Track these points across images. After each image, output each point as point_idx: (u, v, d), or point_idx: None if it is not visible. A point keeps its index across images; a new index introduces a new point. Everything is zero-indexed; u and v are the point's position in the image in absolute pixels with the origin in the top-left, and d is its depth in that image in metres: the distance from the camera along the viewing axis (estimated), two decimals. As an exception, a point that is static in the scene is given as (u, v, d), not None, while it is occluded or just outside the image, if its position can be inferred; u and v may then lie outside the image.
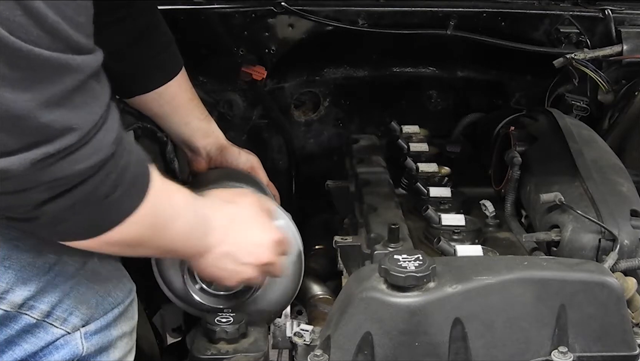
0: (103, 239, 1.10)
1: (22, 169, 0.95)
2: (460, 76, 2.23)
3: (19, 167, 0.94)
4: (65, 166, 0.97)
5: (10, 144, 0.94)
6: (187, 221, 1.24)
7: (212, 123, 1.74)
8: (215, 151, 1.72)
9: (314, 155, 2.26)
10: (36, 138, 0.95)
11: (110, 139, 1.02)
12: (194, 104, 1.70)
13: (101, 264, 1.24)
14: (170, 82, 1.64)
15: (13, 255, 1.13)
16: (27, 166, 0.95)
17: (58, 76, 0.94)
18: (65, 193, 1.00)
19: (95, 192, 1.02)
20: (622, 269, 1.38)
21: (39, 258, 1.15)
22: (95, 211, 1.05)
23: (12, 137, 0.94)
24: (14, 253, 1.13)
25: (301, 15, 1.92)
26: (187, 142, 1.72)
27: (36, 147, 0.95)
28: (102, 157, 1.01)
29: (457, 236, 1.59)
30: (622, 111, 1.91)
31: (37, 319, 1.15)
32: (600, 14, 1.97)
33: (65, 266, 1.18)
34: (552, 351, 1.19)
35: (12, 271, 1.12)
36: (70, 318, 1.18)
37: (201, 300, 1.57)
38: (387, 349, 1.17)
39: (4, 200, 0.99)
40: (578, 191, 1.54)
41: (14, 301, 1.13)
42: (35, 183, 0.97)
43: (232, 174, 1.66)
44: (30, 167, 0.95)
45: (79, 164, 0.99)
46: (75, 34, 0.94)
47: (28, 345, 1.16)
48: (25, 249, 1.14)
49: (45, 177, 0.97)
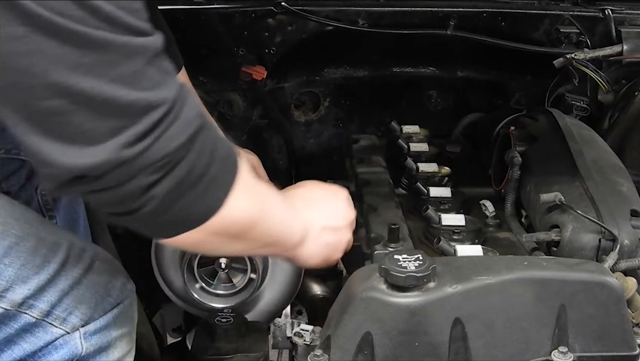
0: (207, 228, 1.05)
1: (117, 156, 0.93)
2: (460, 76, 2.23)
3: (112, 154, 0.92)
4: (161, 145, 0.95)
5: (98, 133, 0.92)
6: (277, 201, 1.22)
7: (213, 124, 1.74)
8: None
9: (314, 155, 2.26)
10: (122, 121, 0.93)
11: (195, 112, 1.00)
12: None
13: (101, 264, 1.24)
14: None
15: (13, 253, 1.13)
16: (120, 151, 0.93)
17: (126, 56, 0.93)
18: (167, 175, 0.97)
19: (194, 169, 0.99)
20: (622, 269, 1.38)
21: (38, 256, 1.15)
22: (197, 192, 1.01)
23: (98, 125, 0.92)
24: (14, 251, 1.13)
25: (301, 15, 1.92)
26: None
27: (125, 130, 0.93)
28: (194, 129, 0.98)
29: (457, 236, 1.59)
30: (622, 111, 1.91)
31: (37, 318, 1.15)
32: (600, 14, 1.96)
33: (65, 265, 1.18)
34: (552, 351, 1.19)
35: (12, 269, 1.12)
36: (70, 318, 1.18)
37: (201, 299, 1.57)
38: (387, 349, 1.16)
39: (111, 195, 0.96)
40: (578, 191, 1.54)
41: (14, 300, 1.13)
42: (138, 168, 0.95)
43: None
44: (123, 152, 0.93)
45: (174, 141, 0.96)
46: (132, 19, 0.94)
47: (27, 345, 1.16)
48: (25, 247, 1.14)
49: (145, 160, 0.95)
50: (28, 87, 0.90)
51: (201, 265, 1.57)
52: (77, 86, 0.90)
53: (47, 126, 0.92)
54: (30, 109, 0.91)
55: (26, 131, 0.93)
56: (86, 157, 0.93)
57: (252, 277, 1.57)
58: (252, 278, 1.57)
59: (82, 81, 0.90)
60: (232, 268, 1.57)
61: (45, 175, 0.95)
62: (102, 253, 1.26)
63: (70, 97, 0.90)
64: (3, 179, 1.54)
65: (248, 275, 1.57)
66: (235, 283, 1.58)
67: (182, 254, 1.62)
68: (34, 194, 1.60)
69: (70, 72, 0.90)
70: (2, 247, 1.12)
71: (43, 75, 0.89)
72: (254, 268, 1.56)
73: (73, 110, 0.91)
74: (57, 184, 0.95)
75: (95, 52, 0.90)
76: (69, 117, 0.91)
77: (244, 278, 1.57)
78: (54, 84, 0.89)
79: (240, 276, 1.58)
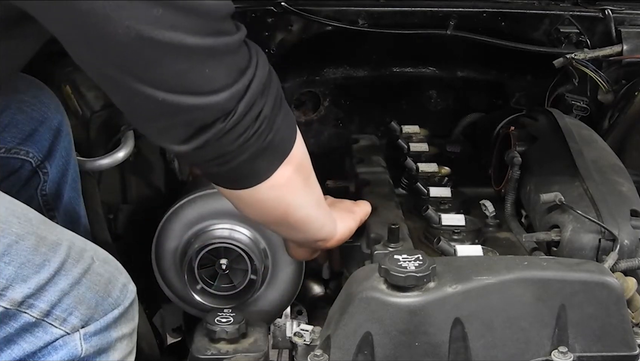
0: (293, 160, 1.26)
1: (238, 89, 1.12)
2: (460, 76, 2.23)
3: (229, 100, 1.11)
4: (259, 76, 1.15)
5: (221, 79, 1.10)
6: (316, 186, 1.40)
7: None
8: None
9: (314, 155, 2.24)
10: (240, 70, 1.12)
11: (266, 63, 1.19)
12: None
13: (102, 265, 1.24)
14: None
15: (12, 251, 1.12)
16: (240, 96, 1.12)
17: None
18: (268, 97, 1.17)
19: (278, 93, 1.21)
20: (622, 269, 1.38)
21: (38, 255, 1.15)
22: (283, 113, 1.23)
23: (222, 73, 1.10)
24: (14, 249, 1.13)
25: (301, 15, 1.92)
26: None
27: (243, 77, 1.12)
28: (263, 80, 1.16)
29: (457, 236, 1.59)
30: (622, 111, 1.91)
31: (37, 318, 1.15)
32: (600, 14, 1.96)
33: (66, 265, 1.18)
34: (552, 351, 1.19)
35: (12, 268, 1.12)
36: (70, 318, 1.18)
37: (202, 300, 1.57)
38: (387, 349, 1.17)
39: (236, 132, 1.14)
40: (578, 191, 1.54)
41: (14, 299, 1.13)
42: (252, 97, 1.14)
43: None
44: (240, 95, 1.12)
45: (263, 71, 1.16)
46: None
47: (27, 345, 1.16)
48: (25, 245, 1.14)
49: (254, 90, 1.14)
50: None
51: (201, 266, 1.57)
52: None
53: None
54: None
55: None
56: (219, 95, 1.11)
57: (253, 278, 1.57)
58: (252, 279, 1.57)
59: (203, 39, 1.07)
60: (232, 269, 1.57)
61: (186, 120, 1.12)
62: (102, 253, 1.26)
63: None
64: (3, 179, 1.54)
65: (248, 276, 1.57)
66: (235, 284, 1.58)
67: (182, 255, 1.62)
68: (34, 194, 1.60)
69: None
70: (2, 245, 1.12)
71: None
72: (255, 269, 1.57)
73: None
74: (195, 129, 1.12)
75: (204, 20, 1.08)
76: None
77: (245, 279, 1.57)
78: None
79: (240, 278, 1.58)
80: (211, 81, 1.10)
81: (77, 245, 1.21)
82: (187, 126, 1.13)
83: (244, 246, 1.56)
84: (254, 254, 1.57)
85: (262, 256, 1.59)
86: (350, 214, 1.53)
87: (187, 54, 1.06)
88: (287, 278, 1.64)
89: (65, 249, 1.18)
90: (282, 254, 1.62)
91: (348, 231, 1.50)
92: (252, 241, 1.59)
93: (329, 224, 1.46)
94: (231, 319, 1.40)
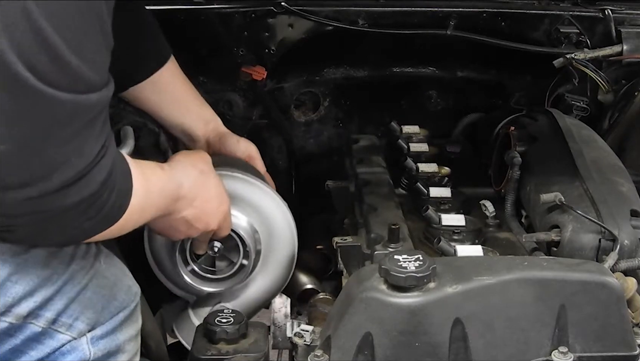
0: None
1: (15, 205, 0.99)
2: (460, 76, 2.23)
3: (11, 203, 0.99)
4: (55, 199, 1.02)
5: (10, 180, 0.97)
6: (162, 195, 1.30)
7: (210, 109, 1.74)
8: (215, 138, 1.71)
9: (314, 155, 2.26)
10: (37, 174, 0.99)
11: (101, 178, 1.05)
12: (190, 91, 1.69)
13: (107, 268, 1.23)
14: (162, 70, 1.63)
15: (21, 270, 1.11)
16: (20, 203, 0.99)
17: (71, 117, 0.98)
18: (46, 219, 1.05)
19: (78, 217, 1.07)
20: (622, 269, 1.38)
21: (47, 269, 1.14)
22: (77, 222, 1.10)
23: (14, 173, 0.97)
24: (22, 268, 1.11)
25: (301, 15, 1.92)
26: (187, 132, 1.70)
27: (35, 185, 0.99)
28: (90, 192, 1.05)
29: (457, 236, 1.59)
30: (622, 111, 1.91)
31: (43, 327, 1.14)
32: (600, 14, 1.96)
33: (74, 274, 1.17)
34: (552, 352, 1.19)
35: (20, 286, 1.11)
36: (76, 324, 1.16)
37: (192, 282, 1.58)
38: (387, 349, 1.16)
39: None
40: (578, 191, 1.54)
41: (19, 314, 1.11)
42: (21, 214, 1.02)
43: (229, 161, 1.66)
44: (23, 204, 1.00)
45: (68, 199, 1.03)
46: (94, 75, 0.98)
47: (34, 352, 1.14)
48: (33, 262, 1.12)
49: (31, 209, 1.01)
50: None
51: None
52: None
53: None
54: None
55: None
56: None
57: (244, 263, 1.57)
58: (244, 263, 1.57)
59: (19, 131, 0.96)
60: (224, 252, 1.57)
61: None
62: (107, 255, 1.25)
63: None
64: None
65: (240, 261, 1.57)
66: (226, 267, 1.58)
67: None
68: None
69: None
70: (10, 265, 1.10)
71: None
72: (247, 254, 1.57)
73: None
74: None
75: (44, 110, 0.95)
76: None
77: (236, 263, 1.58)
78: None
79: (232, 262, 1.58)
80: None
81: (82, 248, 1.20)
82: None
83: (238, 230, 1.56)
84: (247, 238, 1.57)
85: (254, 242, 1.59)
86: (190, 165, 1.42)
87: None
88: (279, 266, 1.65)
89: (73, 258, 1.17)
90: (276, 241, 1.62)
91: (193, 179, 1.39)
92: (246, 226, 1.59)
93: (170, 187, 1.34)
94: (231, 319, 1.40)
